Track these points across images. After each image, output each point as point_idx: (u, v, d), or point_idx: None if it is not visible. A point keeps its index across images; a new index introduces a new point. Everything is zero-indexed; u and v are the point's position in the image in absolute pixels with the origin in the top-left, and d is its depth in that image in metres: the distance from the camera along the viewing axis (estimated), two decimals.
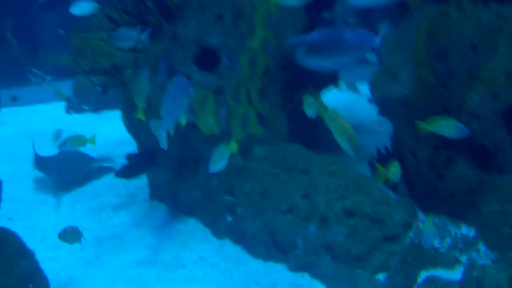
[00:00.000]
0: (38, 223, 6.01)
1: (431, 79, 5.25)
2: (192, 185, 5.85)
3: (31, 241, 4.57)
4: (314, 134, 6.72)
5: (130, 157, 6.38)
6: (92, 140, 5.70)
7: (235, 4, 5.67)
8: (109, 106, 10.23)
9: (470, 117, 4.92)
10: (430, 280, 4.35)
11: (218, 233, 5.57)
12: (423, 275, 4.53)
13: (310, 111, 4.34)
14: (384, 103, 5.97)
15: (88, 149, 6.78)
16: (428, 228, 4.30)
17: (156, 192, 6.34)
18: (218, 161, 4.57)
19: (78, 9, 5.91)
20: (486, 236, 4.66)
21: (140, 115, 4.77)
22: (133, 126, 6.29)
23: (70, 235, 4.82)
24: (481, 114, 4.89)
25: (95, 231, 5.82)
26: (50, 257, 5.34)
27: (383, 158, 5.82)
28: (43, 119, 10.29)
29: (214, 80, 5.68)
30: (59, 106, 10.88)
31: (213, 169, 4.54)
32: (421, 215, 4.99)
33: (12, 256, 4.20)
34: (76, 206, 6.34)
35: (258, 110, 5.80)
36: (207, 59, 5.78)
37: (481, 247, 4.56)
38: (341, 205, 4.93)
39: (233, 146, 4.70)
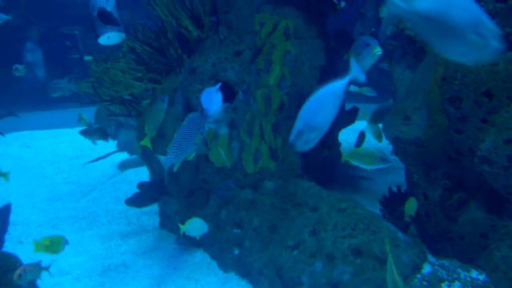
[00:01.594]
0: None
1: (444, 122, 5.24)
2: (202, 216, 5.84)
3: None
4: (328, 171, 6.71)
5: (141, 185, 6.43)
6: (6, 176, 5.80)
7: (254, 41, 5.79)
8: None
9: (483, 161, 4.87)
10: None
11: (224, 266, 5.53)
12: None
13: None
14: (396, 143, 5.96)
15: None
16: None
17: (166, 222, 6.35)
18: None
19: (106, 39, 6.08)
20: (496, 282, 4.55)
21: (147, 143, 4.84)
22: (146, 154, 6.36)
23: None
24: (493, 159, 4.84)
25: (102, 259, 5.82)
26: (56, 283, 5.36)
27: (395, 197, 5.78)
28: (64, 143, 10.43)
29: (229, 113, 5.75)
30: None
31: None
32: (430, 258, 4.90)
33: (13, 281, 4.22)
34: (86, 232, 6.37)
35: (271, 145, 5.84)
36: (223, 93, 5.89)
37: None
38: (349, 244, 4.88)
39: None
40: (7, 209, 6.05)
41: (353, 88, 7.13)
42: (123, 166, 8.45)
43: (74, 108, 10.69)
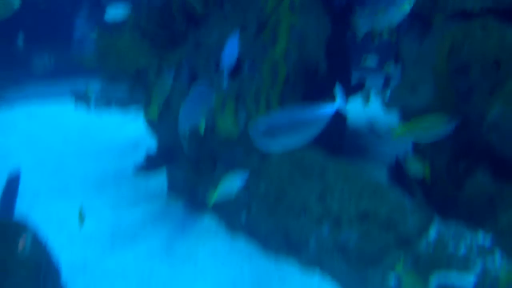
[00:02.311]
0: (56, 213, 6.12)
1: (451, 92, 5.25)
2: (209, 183, 5.91)
3: (48, 230, 4.68)
4: (336, 139, 6.74)
5: (149, 153, 6.50)
6: None
7: (258, 16, 5.80)
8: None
9: (490, 130, 4.89)
10: (441, 285, 4.30)
11: (232, 230, 5.61)
12: (435, 279, 4.47)
13: None
14: (403, 113, 5.98)
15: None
16: None
17: (174, 188, 6.42)
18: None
19: (111, 15, 6.08)
20: (502, 244, 4.59)
21: (153, 115, 4.87)
22: (152, 124, 6.41)
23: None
24: (500, 126, 4.85)
25: (112, 224, 5.90)
26: (66, 243, 5.45)
27: (402, 165, 5.80)
28: (72, 114, 10.36)
29: (235, 86, 5.78)
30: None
31: None
32: (436, 222, 4.93)
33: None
34: (96, 198, 6.44)
35: None
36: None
37: (497, 255, 4.48)
38: (355, 208, 4.92)
39: None
40: (16, 178, 6.13)
41: None
42: (131, 135, 8.48)
43: (82, 79, 10.72)
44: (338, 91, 3.29)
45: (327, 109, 3.23)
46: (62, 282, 4.52)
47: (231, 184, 4.47)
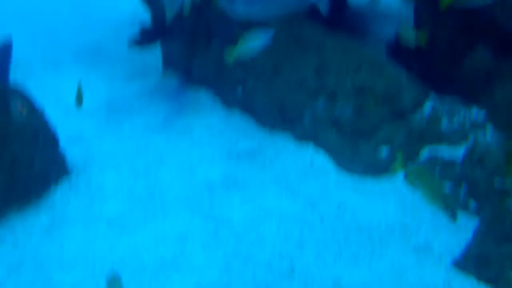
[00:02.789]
0: (51, 86, 6.09)
1: None
2: (205, 57, 5.82)
3: (44, 102, 4.67)
4: (336, 17, 6.52)
5: (143, 27, 6.32)
6: None
7: None
8: None
9: (495, 3, 4.71)
10: (432, 157, 4.40)
11: (228, 104, 5.61)
12: (427, 151, 4.56)
13: None
14: None
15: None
16: None
17: (169, 64, 6.32)
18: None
19: None
20: (495, 118, 4.63)
21: None
22: None
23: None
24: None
25: (107, 97, 5.89)
26: (62, 118, 5.44)
27: (400, 42, 5.68)
28: None
29: None
30: None
31: None
32: (432, 96, 4.93)
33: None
34: (91, 72, 6.37)
35: None
36: None
37: (489, 129, 4.54)
38: (351, 82, 4.88)
39: None
40: (8, 47, 5.98)
41: None
42: (127, 11, 8.21)
43: None
44: None
45: None
46: (60, 149, 4.59)
47: (254, 41, 4.12)
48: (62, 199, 4.33)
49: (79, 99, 4.43)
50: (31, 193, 4.27)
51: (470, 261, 3.42)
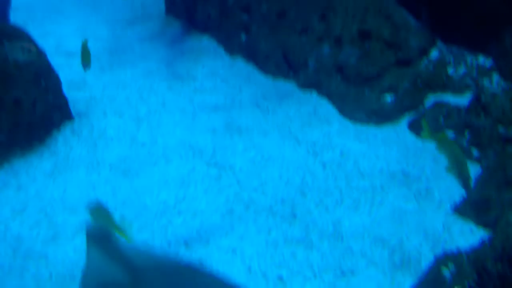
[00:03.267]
0: (52, 31, 6.01)
1: None
2: (208, 2, 5.70)
3: (45, 47, 4.59)
4: None
5: None
6: None
7: None
8: None
9: None
10: (436, 103, 4.35)
11: (231, 51, 5.53)
12: (431, 99, 4.51)
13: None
14: None
15: None
16: None
17: (172, 8, 6.21)
18: None
19: None
20: (502, 66, 4.54)
21: None
22: None
23: None
24: None
25: (109, 43, 5.82)
26: (64, 63, 5.40)
27: None
28: None
29: None
30: None
31: None
32: (439, 43, 4.83)
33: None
34: (92, 17, 6.28)
35: None
36: None
37: (495, 76, 4.46)
38: (358, 27, 4.78)
39: None
40: None
41: None
42: None
43: None
44: None
45: None
46: (63, 93, 4.56)
47: None
48: (65, 144, 4.33)
49: (86, 59, 4.15)
50: (34, 138, 4.26)
51: (470, 206, 3.43)
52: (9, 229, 3.46)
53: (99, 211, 2.65)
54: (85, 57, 4.11)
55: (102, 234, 2.36)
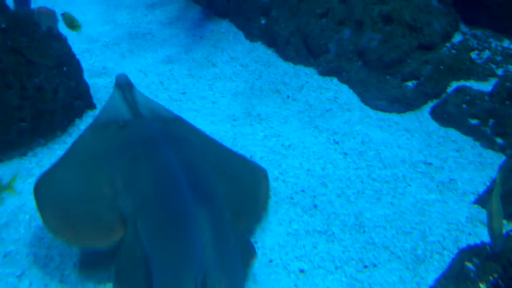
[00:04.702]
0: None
1: None
2: None
3: (63, 30, 4.59)
4: None
5: None
6: None
7: None
8: None
9: None
10: (459, 90, 4.27)
11: (251, 36, 5.49)
12: (454, 85, 4.44)
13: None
14: None
15: None
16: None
17: None
18: None
19: None
20: None
21: None
22: None
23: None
24: None
25: (129, 27, 5.82)
26: (85, 49, 5.43)
27: None
28: None
29: None
30: None
31: None
32: (462, 27, 4.73)
33: (44, 37, 4.21)
34: (112, 1, 6.26)
35: None
36: None
37: None
38: (379, 10, 4.70)
39: None
40: None
41: None
42: None
43: None
44: None
45: None
46: (84, 81, 4.57)
47: None
48: None
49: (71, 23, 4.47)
50: (56, 127, 4.28)
51: None
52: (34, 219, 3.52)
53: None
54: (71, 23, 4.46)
55: (126, 82, 3.25)
